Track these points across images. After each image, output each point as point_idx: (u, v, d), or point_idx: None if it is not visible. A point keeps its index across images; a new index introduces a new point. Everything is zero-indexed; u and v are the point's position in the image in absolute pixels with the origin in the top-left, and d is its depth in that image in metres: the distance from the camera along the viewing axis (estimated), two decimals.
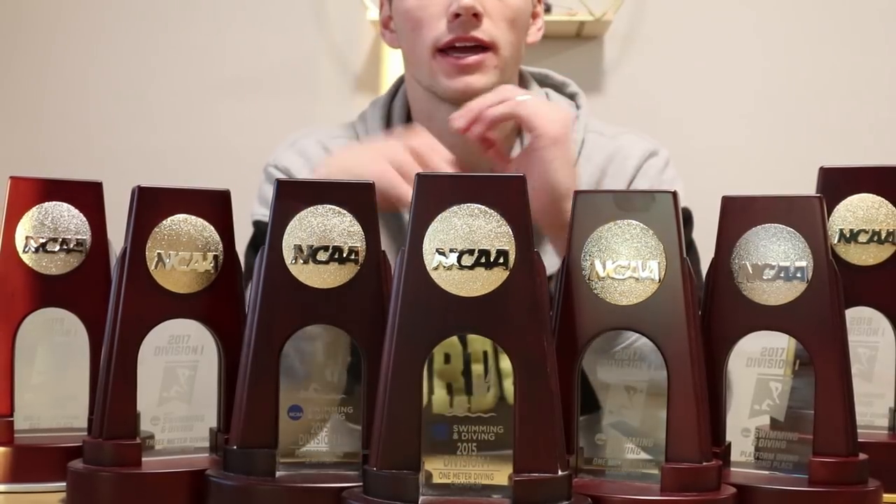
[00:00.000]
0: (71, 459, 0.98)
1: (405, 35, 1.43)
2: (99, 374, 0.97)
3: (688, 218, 1.49)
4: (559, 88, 1.56)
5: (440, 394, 1.40)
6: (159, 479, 0.95)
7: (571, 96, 1.55)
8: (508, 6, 1.39)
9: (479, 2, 1.36)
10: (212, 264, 1.00)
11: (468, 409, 0.88)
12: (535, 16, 1.48)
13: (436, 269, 0.85)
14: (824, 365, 0.94)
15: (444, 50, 1.38)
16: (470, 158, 1.44)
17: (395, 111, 1.50)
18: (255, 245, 1.46)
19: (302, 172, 1.49)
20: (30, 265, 1.09)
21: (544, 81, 1.57)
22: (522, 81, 1.52)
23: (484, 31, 1.37)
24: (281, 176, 1.52)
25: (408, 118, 1.50)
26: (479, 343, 1.39)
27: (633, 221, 0.93)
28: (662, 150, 1.53)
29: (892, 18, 2.45)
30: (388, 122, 1.50)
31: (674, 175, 1.53)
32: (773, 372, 1.00)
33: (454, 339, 1.37)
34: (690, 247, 1.48)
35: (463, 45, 1.37)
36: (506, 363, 0.85)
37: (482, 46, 1.37)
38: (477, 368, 1.41)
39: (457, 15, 1.35)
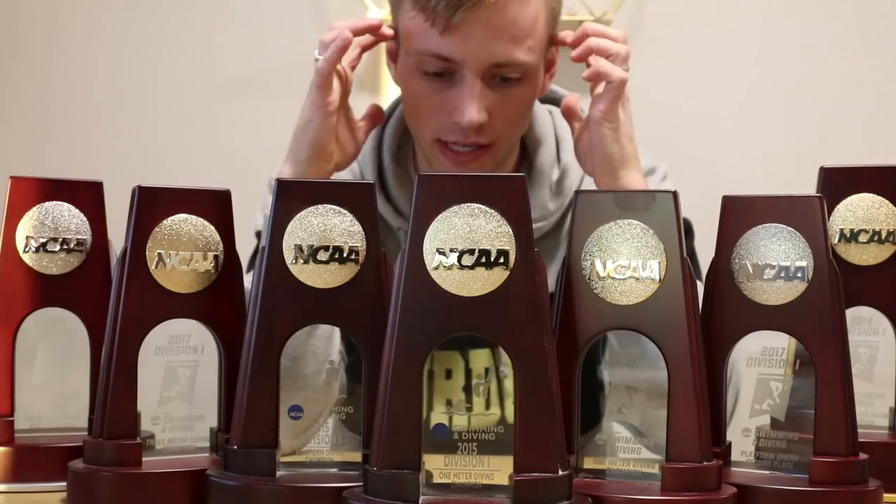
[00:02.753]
0: (71, 459, 0.98)
1: (406, 105, 1.39)
2: (99, 374, 0.97)
3: (688, 229, 1.48)
4: (559, 103, 1.52)
5: (438, 410, 1.39)
6: (160, 478, 0.95)
7: None
8: (515, 102, 1.34)
9: (486, 108, 1.31)
10: (212, 264, 1.00)
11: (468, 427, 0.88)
12: (550, 65, 1.42)
13: (436, 268, 0.85)
14: (825, 365, 0.94)
15: (443, 142, 1.35)
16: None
17: (385, 141, 1.47)
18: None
19: None
20: (30, 265, 1.09)
21: (547, 97, 1.55)
22: (538, 140, 1.49)
23: (485, 136, 1.33)
24: None
25: (398, 148, 1.47)
26: (481, 360, 1.39)
27: (634, 221, 0.93)
28: (661, 164, 1.53)
29: (893, 18, 2.44)
30: (378, 152, 1.47)
31: (670, 187, 1.52)
32: (774, 372, 1.00)
33: (457, 354, 1.38)
34: (692, 258, 1.47)
35: (462, 146, 1.34)
36: (508, 383, 0.85)
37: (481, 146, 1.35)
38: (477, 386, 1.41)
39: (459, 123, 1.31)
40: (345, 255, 0.93)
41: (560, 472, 0.85)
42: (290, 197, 0.94)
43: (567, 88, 1.58)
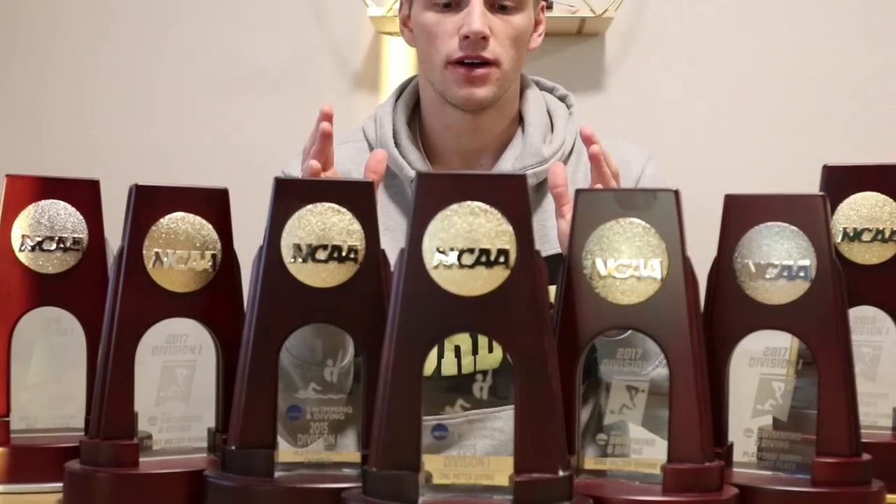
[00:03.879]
0: (68, 460, 0.97)
1: (422, 43, 1.56)
2: (96, 374, 0.97)
3: None
4: (550, 92, 1.66)
5: (449, 357, 1.47)
6: (157, 479, 0.94)
7: (562, 98, 1.65)
8: (512, 26, 1.52)
9: (488, 25, 1.50)
10: (210, 263, 0.99)
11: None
12: (537, 23, 1.60)
13: (436, 268, 0.84)
14: (827, 364, 0.94)
15: (455, 62, 1.52)
16: (467, 156, 1.57)
17: (399, 108, 1.60)
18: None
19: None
20: (26, 264, 1.09)
21: (537, 86, 1.66)
22: (524, 86, 1.62)
23: (490, 51, 1.51)
24: None
25: (411, 117, 1.60)
26: None
27: (635, 220, 0.92)
28: (647, 155, 1.63)
29: None
30: (393, 117, 1.59)
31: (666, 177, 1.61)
32: (776, 371, 0.99)
33: None
34: None
35: (471, 61, 1.51)
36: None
37: (487, 62, 1.51)
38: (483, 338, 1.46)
39: (467, 36, 1.49)
40: (343, 254, 0.93)
41: (561, 473, 0.84)
42: (289, 195, 0.93)
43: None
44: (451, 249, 0.84)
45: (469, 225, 0.84)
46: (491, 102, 1.53)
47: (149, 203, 0.98)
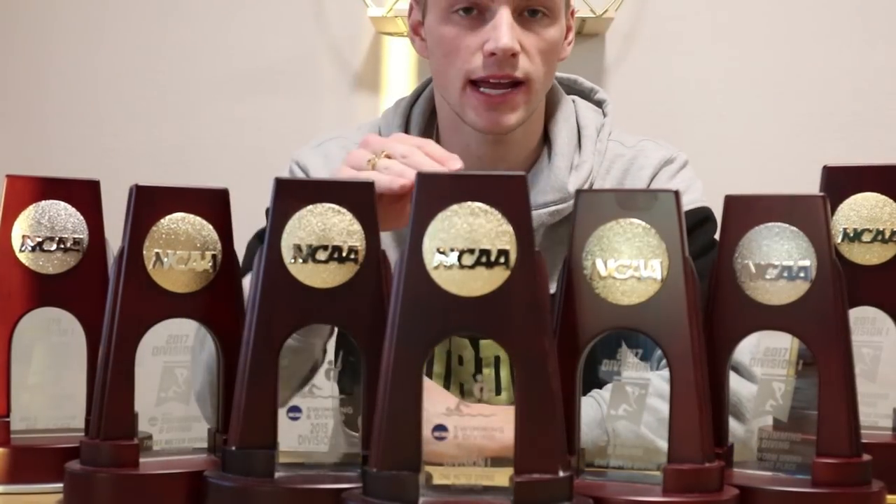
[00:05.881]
0: (68, 460, 0.97)
1: (437, 58, 1.40)
2: (96, 375, 0.97)
3: (706, 218, 1.47)
4: (586, 95, 1.55)
5: (454, 391, 1.41)
6: (157, 480, 0.94)
7: (599, 103, 1.54)
8: (545, 39, 1.37)
9: (517, 39, 1.33)
10: (210, 263, 0.99)
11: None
12: (568, 30, 1.45)
13: (436, 268, 0.84)
14: (827, 365, 0.94)
15: (476, 82, 1.36)
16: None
17: (414, 117, 1.49)
18: (260, 236, 1.45)
19: (320, 172, 1.48)
20: (26, 264, 1.09)
21: (572, 88, 1.56)
22: (551, 90, 1.49)
23: (519, 69, 1.34)
24: (300, 173, 1.51)
25: (427, 125, 1.49)
26: (490, 348, 1.39)
27: (636, 220, 0.92)
28: (680, 155, 1.52)
29: None
30: (406, 128, 1.48)
31: (688, 178, 1.50)
32: (776, 372, 0.99)
33: (466, 341, 1.38)
34: (713, 246, 1.45)
35: (496, 81, 1.35)
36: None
37: (515, 82, 1.35)
38: (488, 373, 1.41)
39: (493, 53, 1.33)
40: (344, 254, 0.93)
41: (561, 474, 0.84)
42: (289, 196, 0.93)
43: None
44: (452, 250, 0.84)
45: (469, 225, 0.84)
46: (517, 127, 1.38)
47: (149, 203, 0.98)
